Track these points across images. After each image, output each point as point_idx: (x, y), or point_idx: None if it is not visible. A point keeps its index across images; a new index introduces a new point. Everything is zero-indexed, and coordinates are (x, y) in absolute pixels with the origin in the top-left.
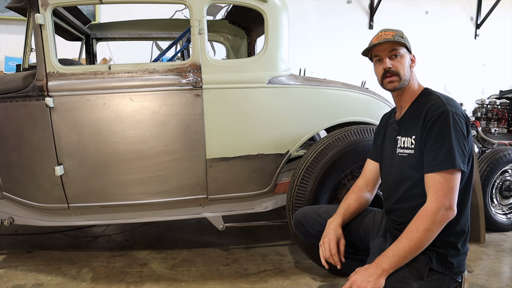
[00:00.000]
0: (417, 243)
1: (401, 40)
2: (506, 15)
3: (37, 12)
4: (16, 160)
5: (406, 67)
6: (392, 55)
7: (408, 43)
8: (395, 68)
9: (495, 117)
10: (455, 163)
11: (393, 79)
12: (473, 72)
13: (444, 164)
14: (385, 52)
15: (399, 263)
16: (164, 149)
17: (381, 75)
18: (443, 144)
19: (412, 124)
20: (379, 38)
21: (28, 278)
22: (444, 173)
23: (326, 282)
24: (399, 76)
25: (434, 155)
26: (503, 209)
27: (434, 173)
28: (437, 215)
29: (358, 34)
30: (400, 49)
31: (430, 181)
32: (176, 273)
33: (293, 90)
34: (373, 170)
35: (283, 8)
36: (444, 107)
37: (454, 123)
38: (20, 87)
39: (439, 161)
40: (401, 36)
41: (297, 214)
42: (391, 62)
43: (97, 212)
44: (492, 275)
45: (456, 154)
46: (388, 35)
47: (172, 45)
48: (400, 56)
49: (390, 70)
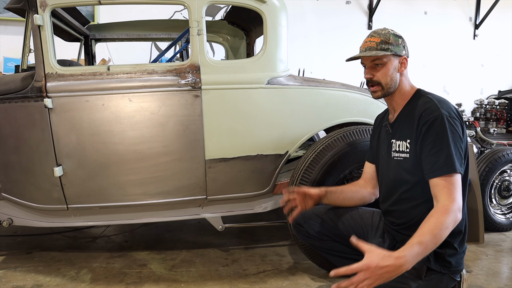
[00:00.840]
0: (438, 241)
1: (381, 52)
2: (505, 16)
3: (35, 13)
4: (15, 161)
5: (389, 75)
6: (374, 64)
7: (397, 46)
8: (376, 78)
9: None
10: (455, 167)
11: (375, 89)
12: (472, 72)
13: (446, 169)
14: (367, 61)
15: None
16: (163, 149)
17: (366, 83)
18: (441, 149)
19: (406, 127)
20: (365, 45)
21: (27, 279)
22: (447, 177)
23: (325, 282)
24: (381, 85)
25: (434, 160)
26: (502, 209)
27: (437, 178)
28: (455, 214)
29: (357, 35)
30: (382, 58)
31: (438, 185)
32: (175, 274)
33: (292, 91)
34: (370, 172)
35: (282, 9)
36: (438, 110)
37: (450, 126)
38: (18, 88)
39: (439, 165)
40: (387, 42)
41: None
42: (372, 72)
43: (96, 213)
44: (491, 275)
45: (455, 158)
46: (372, 42)
47: (171, 46)
48: (382, 65)
49: (371, 80)
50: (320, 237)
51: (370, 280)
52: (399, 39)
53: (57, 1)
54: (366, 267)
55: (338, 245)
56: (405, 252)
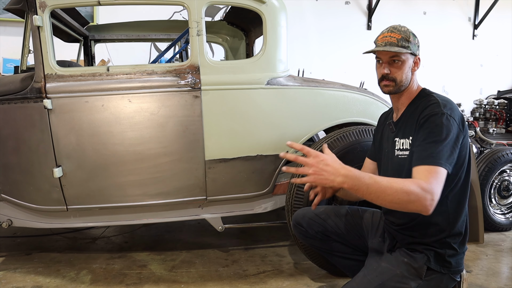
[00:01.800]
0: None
1: (403, 49)
2: (504, 16)
3: (35, 14)
4: (14, 162)
5: (405, 73)
6: (392, 60)
7: (414, 45)
8: (392, 75)
9: (493, 117)
10: (441, 162)
11: (388, 83)
12: (471, 72)
13: (430, 160)
14: (385, 56)
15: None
16: (163, 150)
17: (379, 78)
18: (432, 142)
19: (409, 125)
20: (384, 39)
21: (27, 280)
22: (430, 166)
23: (325, 282)
24: (395, 82)
25: (421, 150)
26: (502, 209)
27: (420, 166)
28: (424, 195)
29: (356, 35)
30: (401, 55)
31: (418, 171)
32: (175, 275)
33: (291, 91)
34: (370, 168)
35: (281, 9)
36: (439, 108)
37: (447, 124)
38: (18, 89)
39: (425, 155)
40: (407, 40)
41: (296, 215)
42: (389, 68)
43: (96, 214)
44: (491, 275)
45: (443, 155)
46: (393, 37)
47: (170, 47)
48: (400, 62)
49: (387, 77)
50: (320, 237)
51: (310, 169)
52: (416, 39)
53: (57, 2)
54: (315, 155)
55: (338, 245)
56: (354, 171)
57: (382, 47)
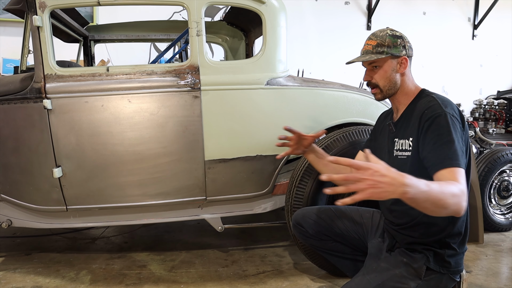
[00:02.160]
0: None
1: (376, 55)
2: (504, 16)
3: (34, 14)
4: (14, 162)
5: (387, 77)
6: (372, 67)
7: (395, 47)
8: (374, 81)
9: (493, 117)
10: (459, 162)
11: (374, 91)
12: (471, 72)
13: (451, 161)
14: (366, 64)
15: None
16: (162, 150)
17: (367, 85)
18: (445, 144)
19: (409, 125)
20: (363, 48)
21: (26, 280)
22: (453, 169)
23: (325, 283)
24: (379, 88)
25: (438, 154)
26: (501, 209)
27: (443, 170)
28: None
29: (356, 35)
30: (379, 61)
31: (445, 175)
32: (175, 275)
33: (291, 91)
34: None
35: (281, 9)
36: (441, 109)
37: (452, 124)
38: (18, 89)
39: (444, 158)
40: (383, 44)
41: (296, 215)
42: (371, 74)
43: (96, 214)
44: (490, 275)
45: (458, 154)
46: (369, 45)
47: (170, 47)
48: (379, 67)
49: (370, 83)
50: (320, 237)
51: (364, 183)
52: (397, 40)
53: (56, 2)
54: (367, 167)
55: (338, 245)
56: (412, 180)
57: (357, 58)
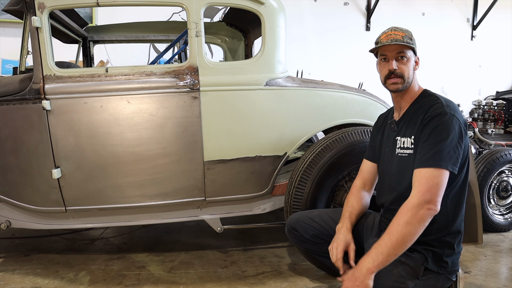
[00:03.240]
0: (399, 238)
1: (410, 43)
2: (503, 17)
3: (33, 15)
4: (13, 163)
5: (410, 70)
6: (398, 56)
7: (415, 45)
8: (400, 71)
9: (491, 118)
10: (442, 163)
11: (397, 81)
12: (469, 73)
13: (432, 161)
14: (392, 53)
15: (383, 261)
16: (161, 151)
17: (385, 75)
18: (434, 142)
19: (411, 124)
20: (388, 37)
21: (25, 281)
22: (431, 169)
23: (324, 283)
24: (403, 78)
25: (424, 151)
26: (500, 209)
27: (421, 168)
28: (418, 209)
29: (355, 36)
30: (407, 52)
31: (417, 175)
32: (174, 276)
33: (290, 92)
34: (370, 171)
35: (280, 10)
36: (443, 108)
37: (450, 124)
38: (17, 90)
39: (427, 157)
40: (410, 38)
41: (290, 220)
42: (397, 64)
43: (95, 215)
44: (489, 276)
45: (446, 155)
46: (398, 35)
47: (169, 48)
48: (406, 59)
49: (395, 72)
50: (315, 241)
51: None
52: (414, 39)
53: (55, 3)
54: None
55: None
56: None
57: (391, 42)
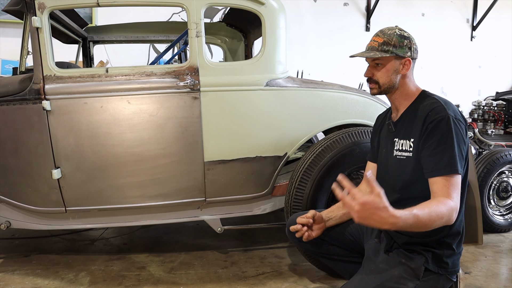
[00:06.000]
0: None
1: (381, 53)
2: (502, 17)
3: (34, 15)
4: (13, 163)
5: (388, 76)
6: (374, 63)
7: (401, 48)
8: (375, 78)
9: (491, 118)
10: (457, 168)
11: (372, 86)
12: (469, 73)
13: (448, 169)
14: (369, 60)
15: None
16: (161, 152)
17: (366, 80)
18: (445, 149)
19: (410, 126)
20: (369, 44)
21: (25, 282)
22: (448, 177)
23: (324, 284)
24: (378, 84)
25: (437, 159)
26: (500, 210)
27: (438, 177)
28: (453, 212)
29: (355, 36)
30: (382, 59)
31: (439, 183)
32: (174, 276)
33: (290, 93)
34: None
35: (280, 11)
36: (445, 111)
37: (455, 128)
38: (17, 90)
39: (442, 165)
40: (389, 43)
41: (290, 221)
42: (372, 71)
43: (95, 216)
44: (490, 276)
45: (458, 160)
46: (375, 42)
47: (169, 48)
48: (382, 66)
49: (370, 79)
50: (315, 241)
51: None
52: (404, 40)
53: (56, 3)
54: (364, 202)
55: (334, 248)
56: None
57: (360, 53)
